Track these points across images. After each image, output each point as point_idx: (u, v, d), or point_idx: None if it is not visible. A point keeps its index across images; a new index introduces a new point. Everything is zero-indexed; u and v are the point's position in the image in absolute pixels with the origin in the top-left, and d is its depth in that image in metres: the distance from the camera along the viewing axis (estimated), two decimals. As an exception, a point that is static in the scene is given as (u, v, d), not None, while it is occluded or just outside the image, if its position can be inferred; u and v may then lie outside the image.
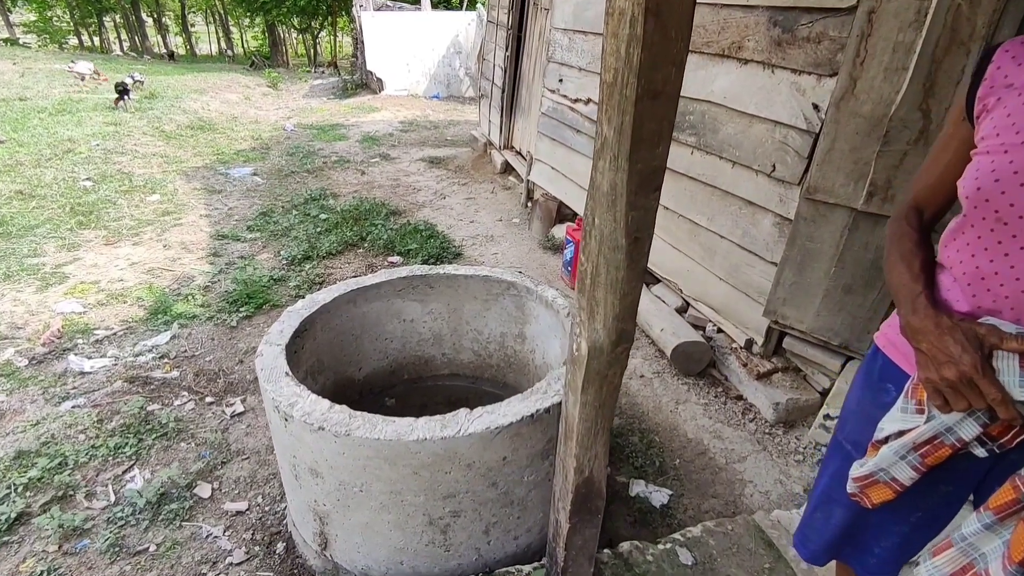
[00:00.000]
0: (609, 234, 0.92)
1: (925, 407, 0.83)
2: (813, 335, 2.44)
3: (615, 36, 0.79)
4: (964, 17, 1.79)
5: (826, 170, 2.19)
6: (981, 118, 0.86)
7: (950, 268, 0.92)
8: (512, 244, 4.38)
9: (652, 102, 0.80)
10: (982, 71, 0.87)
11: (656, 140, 0.83)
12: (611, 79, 0.82)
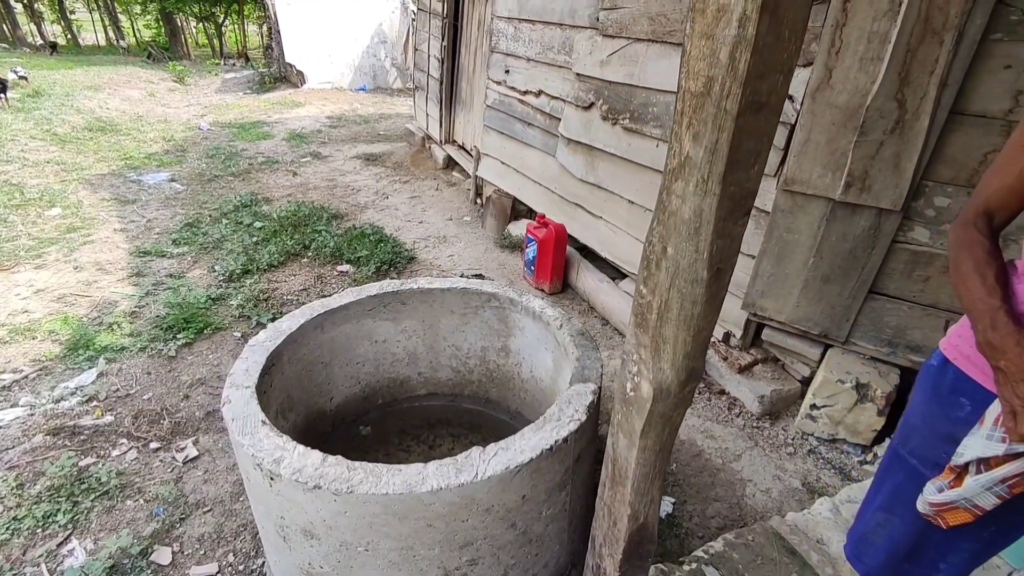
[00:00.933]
0: (688, 266, 0.80)
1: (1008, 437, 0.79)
2: (792, 325, 2.45)
3: (709, 37, 0.66)
4: (937, 7, 1.80)
5: (803, 161, 2.18)
6: None
7: None
8: (467, 244, 4.21)
9: (755, 116, 0.68)
10: None
11: (754, 160, 0.72)
12: (701, 88, 0.69)
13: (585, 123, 3.27)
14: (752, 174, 0.73)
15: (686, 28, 0.70)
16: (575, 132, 3.36)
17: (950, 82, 1.86)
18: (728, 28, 0.63)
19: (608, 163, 3.16)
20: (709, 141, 0.70)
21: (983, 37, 1.79)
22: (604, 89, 3.09)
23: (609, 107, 3.07)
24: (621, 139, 3.02)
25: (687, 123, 0.72)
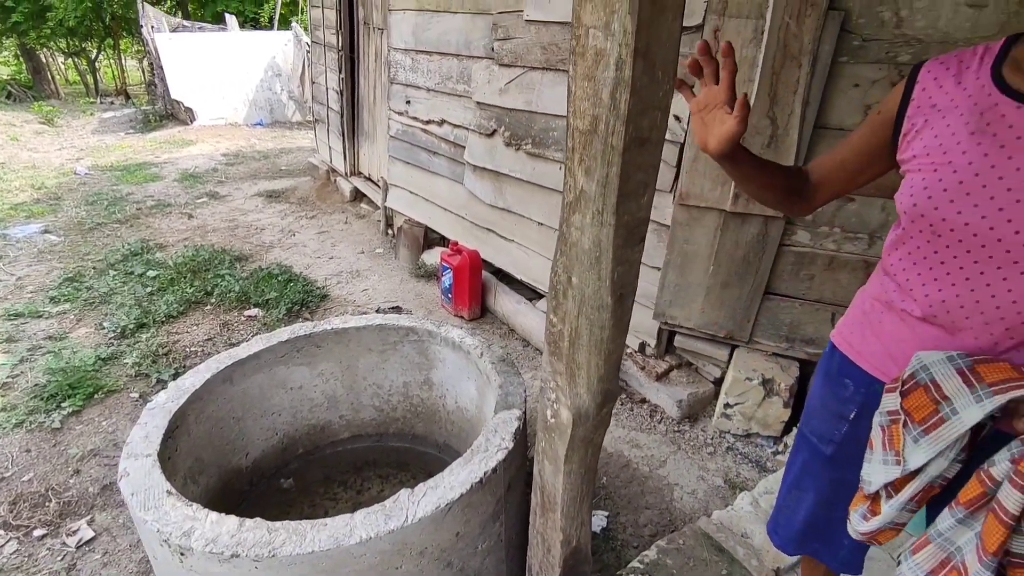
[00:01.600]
0: (592, 294, 0.83)
1: (902, 458, 0.85)
2: (700, 331, 2.59)
3: (591, 79, 0.70)
4: (793, 35, 2.00)
5: (694, 177, 2.33)
6: (909, 137, 0.92)
7: (894, 275, 0.97)
8: (381, 276, 4.13)
9: (640, 150, 0.72)
10: (910, 91, 0.92)
11: (643, 190, 0.76)
12: (588, 126, 0.73)
13: (489, 150, 3.33)
14: (642, 203, 0.77)
15: (570, 70, 0.74)
16: (480, 159, 3.41)
17: (811, 100, 2.06)
18: (607, 71, 0.67)
19: (515, 187, 3.23)
20: (600, 176, 0.73)
21: (833, 60, 2.01)
22: (505, 116, 3.16)
23: (511, 133, 3.14)
24: (526, 164, 3.10)
25: (579, 159, 0.76)
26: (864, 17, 1.94)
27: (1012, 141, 0.81)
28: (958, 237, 0.85)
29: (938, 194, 0.85)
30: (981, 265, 0.85)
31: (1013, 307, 0.84)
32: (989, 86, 0.84)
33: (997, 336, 0.87)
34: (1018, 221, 0.80)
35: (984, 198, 0.81)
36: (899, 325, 0.97)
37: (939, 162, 0.86)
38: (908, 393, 0.88)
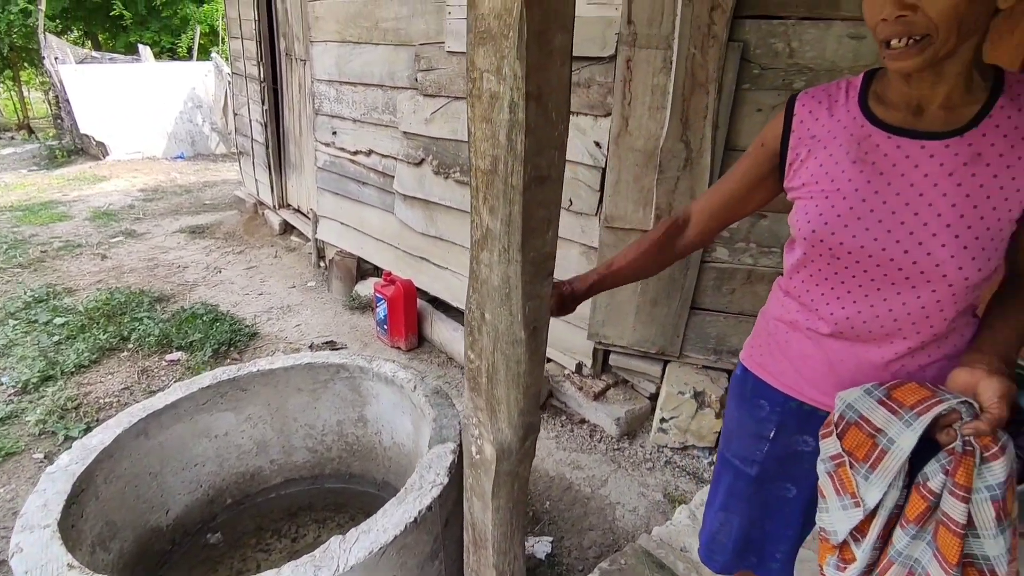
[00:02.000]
0: (506, 329, 0.83)
1: (860, 499, 0.88)
2: (633, 348, 2.65)
3: (488, 121, 0.71)
4: (699, 64, 2.12)
5: (617, 200, 2.41)
6: (795, 166, 0.98)
7: (797, 297, 1.03)
8: (314, 311, 4.01)
9: (540, 188, 0.74)
10: (789, 123, 0.99)
11: (547, 226, 0.77)
12: (489, 166, 0.74)
13: (419, 179, 3.33)
14: (547, 239, 0.78)
15: (468, 111, 0.75)
16: (410, 188, 3.40)
17: (720, 124, 2.18)
18: (502, 113, 0.69)
19: (446, 215, 3.23)
20: (504, 214, 0.74)
21: (737, 87, 2.13)
22: (432, 145, 3.17)
23: (439, 162, 3.15)
24: (455, 192, 3.11)
25: (483, 198, 0.76)
26: (760, 48, 2.08)
27: (889, 168, 0.88)
28: (855, 259, 0.91)
29: (833, 220, 0.91)
30: (877, 282, 0.91)
31: (908, 318, 0.91)
32: (860, 118, 0.92)
33: (896, 345, 0.94)
34: (904, 241, 0.87)
35: (873, 221, 0.88)
36: (805, 343, 1.02)
37: (828, 190, 0.92)
38: (844, 434, 0.91)
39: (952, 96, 0.86)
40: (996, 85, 0.86)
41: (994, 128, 0.84)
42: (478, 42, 0.68)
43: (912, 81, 0.87)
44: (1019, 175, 0.83)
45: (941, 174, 0.85)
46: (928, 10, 0.75)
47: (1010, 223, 0.85)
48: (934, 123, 0.87)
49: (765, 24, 2.05)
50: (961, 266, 0.84)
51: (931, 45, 0.78)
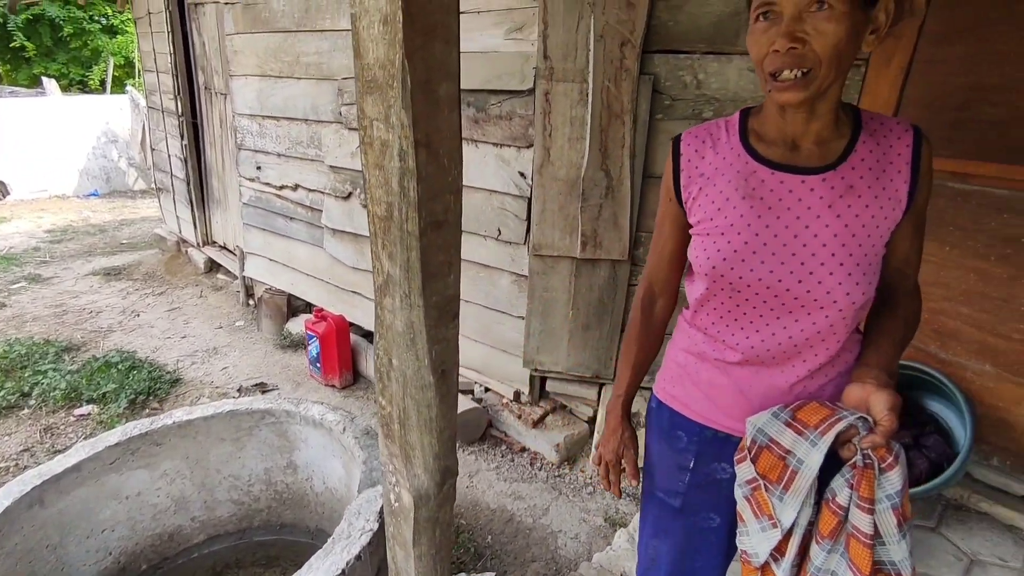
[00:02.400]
0: (414, 374, 0.82)
1: (776, 520, 0.90)
2: (569, 373, 2.68)
3: (380, 168, 0.71)
4: (614, 96, 2.20)
5: (544, 228, 2.45)
6: (690, 204, 1.02)
7: (704, 330, 1.06)
8: (243, 352, 3.84)
9: (437, 233, 0.74)
10: (678, 161, 1.03)
11: (447, 270, 0.77)
12: (385, 212, 0.73)
13: (347, 212, 3.28)
14: (449, 282, 0.78)
15: (362, 158, 0.74)
16: (339, 222, 3.34)
17: (637, 153, 2.27)
18: (393, 161, 0.69)
19: (377, 248, 3.19)
20: (402, 260, 0.74)
21: (651, 117, 2.23)
22: (360, 179, 3.14)
23: (368, 195, 3.11)
24: (385, 224, 3.07)
25: (381, 244, 0.76)
26: (670, 80, 2.19)
27: (776, 203, 0.93)
28: (754, 291, 0.95)
29: (730, 255, 0.95)
30: (776, 311, 0.96)
31: (806, 343, 0.96)
32: (744, 155, 0.97)
33: (798, 368, 0.98)
34: (797, 271, 0.91)
35: (767, 254, 0.92)
36: (715, 373, 1.06)
37: (723, 226, 0.96)
38: (757, 458, 0.94)
39: (822, 133, 0.93)
40: (856, 122, 0.94)
41: (860, 161, 0.91)
42: (366, 91, 0.68)
43: (788, 117, 0.93)
44: (884, 203, 0.90)
45: (822, 206, 0.91)
46: (815, 45, 0.82)
47: (884, 246, 0.92)
48: (810, 159, 0.93)
49: (673, 58, 2.16)
50: (848, 291, 0.89)
51: (815, 79, 0.84)
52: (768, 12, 0.85)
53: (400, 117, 0.65)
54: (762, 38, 0.86)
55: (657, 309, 1.18)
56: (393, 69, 0.63)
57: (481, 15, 2.38)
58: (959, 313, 2.05)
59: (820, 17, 0.81)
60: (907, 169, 0.91)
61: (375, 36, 0.63)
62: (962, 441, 1.98)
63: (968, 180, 1.94)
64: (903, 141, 0.92)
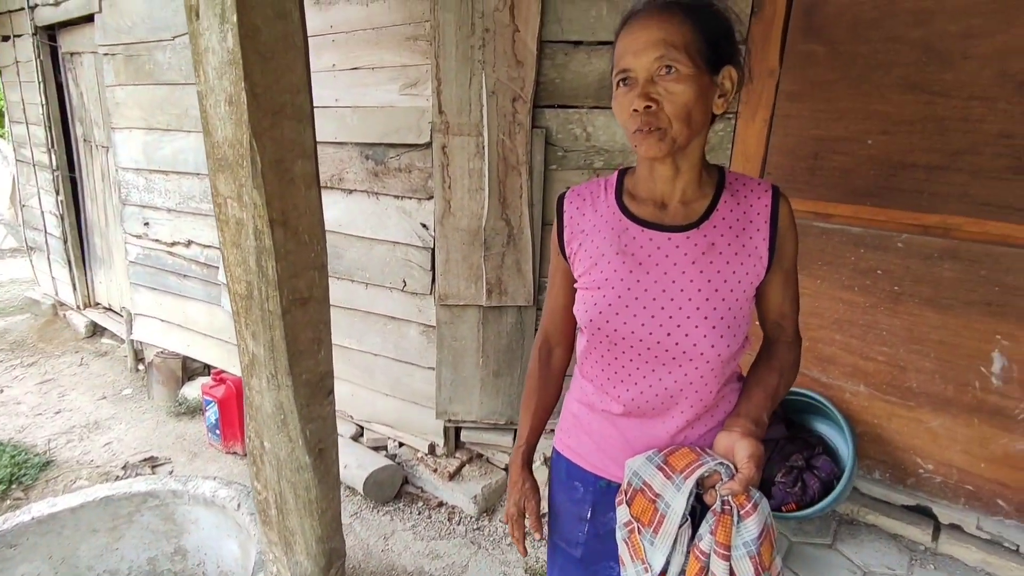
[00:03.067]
0: (288, 456, 0.77)
1: (648, 564, 0.91)
2: (483, 421, 2.65)
3: (238, 246, 0.68)
4: (509, 149, 2.28)
5: (449, 278, 2.45)
6: (572, 259, 1.06)
7: (591, 380, 1.09)
8: (131, 423, 3.50)
9: (303, 310, 0.71)
10: (562, 219, 1.08)
11: (317, 346, 0.74)
12: (245, 291, 0.70)
13: (245, 268, 3.12)
14: (320, 359, 0.75)
15: (219, 236, 0.71)
16: (237, 278, 3.17)
17: (535, 202, 2.34)
18: (249, 240, 0.66)
19: (279, 304, 3.05)
20: (266, 339, 0.70)
21: (546, 168, 2.32)
22: (257, 233, 3.01)
23: (267, 250, 2.99)
24: (286, 279, 2.96)
25: (244, 323, 0.72)
26: (561, 133, 2.29)
27: (646, 259, 0.98)
28: (629, 343, 0.99)
29: (606, 309, 0.99)
30: (651, 364, 1.00)
31: (681, 394, 1.00)
32: (618, 213, 1.03)
33: (677, 419, 1.02)
34: (666, 325, 0.96)
35: (639, 308, 0.97)
36: (604, 423, 1.08)
37: (599, 280, 1.00)
38: (632, 501, 0.96)
39: (687, 191, 1.00)
40: (720, 182, 1.02)
41: (721, 220, 0.99)
42: (217, 169, 0.66)
43: (657, 175, 0.99)
44: (745, 260, 0.97)
45: (686, 263, 0.97)
46: (666, 105, 0.89)
47: (748, 301, 0.99)
48: (676, 217, 1.00)
49: (563, 112, 2.27)
50: (713, 344, 0.95)
51: (669, 135, 0.90)
52: (626, 78, 0.92)
53: (252, 196, 0.63)
54: (623, 101, 0.93)
55: (554, 359, 1.21)
56: (242, 148, 0.61)
57: (376, 71, 2.41)
58: (833, 340, 2.23)
59: (669, 80, 0.89)
60: (766, 227, 0.99)
61: (222, 115, 0.61)
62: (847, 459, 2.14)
63: (828, 219, 2.15)
64: (762, 201, 1.01)
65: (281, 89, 0.61)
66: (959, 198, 1.89)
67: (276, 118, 0.61)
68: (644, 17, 0.91)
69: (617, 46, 0.94)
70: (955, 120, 1.85)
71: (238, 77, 0.59)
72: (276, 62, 0.60)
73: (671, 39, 0.88)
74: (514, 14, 2.11)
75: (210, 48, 0.61)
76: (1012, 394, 1.91)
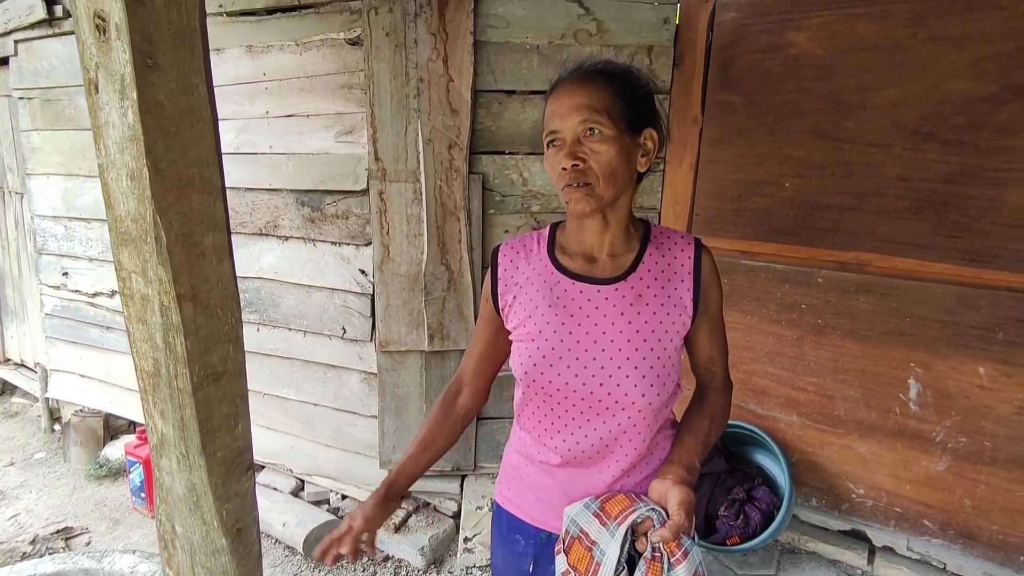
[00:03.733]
0: (202, 540, 0.73)
1: None
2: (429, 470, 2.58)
3: (144, 322, 0.65)
4: (447, 194, 2.29)
5: (390, 324, 2.41)
6: (506, 311, 1.07)
7: (529, 431, 1.09)
8: (43, 491, 3.22)
9: (216, 385, 0.68)
10: (496, 271, 1.09)
11: (234, 422, 0.71)
12: (152, 368, 0.66)
13: (174, 318, 2.98)
14: (237, 434, 0.72)
15: (124, 311, 0.67)
16: (165, 329, 3.02)
17: (474, 246, 2.35)
18: (155, 316, 0.63)
19: (211, 355, 2.91)
20: (175, 418, 0.67)
21: (484, 213, 2.34)
22: (187, 282, 2.89)
23: (197, 299, 2.87)
24: (219, 329, 2.83)
25: (152, 401, 0.68)
26: (498, 178, 2.33)
27: (577, 311, 1.00)
28: (564, 394, 0.99)
29: (540, 361, 1.00)
30: (586, 414, 1.00)
31: (615, 443, 1.01)
32: (550, 266, 1.05)
33: (612, 468, 1.03)
34: (598, 375, 0.97)
35: (571, 360, 0.98)
36: (543, 475, 1.08)
37: (533, 332, 1.01)
38: (570, 549, 0.95)
39: (615, 245, 1.03)
40: (645, 235, 1.06)
41: (647, 272, 1.02)
42: (120, 243, 0.63)
43: (586, 228, 1.02)
44: (671, 310, 1.01)
45: (615, 314, 0.99)
46: (591, 163, 0.94)
47: (676, 350, 1.02)
48: (605, 270, 1.03)
49: (499, 158, 2.32)
50: (644, 393, 0.97)
51: (595, 191, 0.94)
52: (555, 139, 0.97)
53: (158, 272, 0.60)
54: (553, 160, 0.97)
55: (460, 398, 1.19)
56: (145, 224, 0.59)
57: (311, 118, 2.39)
58: (766, 372, 2.32)
59: (593, 140, 0.94)
60: (690, 278, 1.03)
61: (124, 190, 0.59)
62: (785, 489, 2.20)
63: (755, 257, 2.26)
64: (685, 253, 1.05)
65: (187, 163, 0.59)
66: (869, 236, 2.03)
67: (183, 192, 0.60)
68: (569, 84, 0.97)
69: (546, 110, 1.00)
70: (859, 164, 2.00)
71: (139, 153, 0.57)
72: (181, 137, 0.59)
73: (594, 104, 0.93)
74: (448, 65, 2.16)
75: (110, 123, 0.59)
76: (928, 418, 2.03)
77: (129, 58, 0.54)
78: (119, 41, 0.55)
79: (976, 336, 1.90)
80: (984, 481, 1.97)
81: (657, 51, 2.21)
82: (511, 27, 2.17)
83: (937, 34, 1.83)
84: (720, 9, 2.15)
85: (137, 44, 0.53)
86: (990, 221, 1.83)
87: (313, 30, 2.30)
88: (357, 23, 2.21)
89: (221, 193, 0.64)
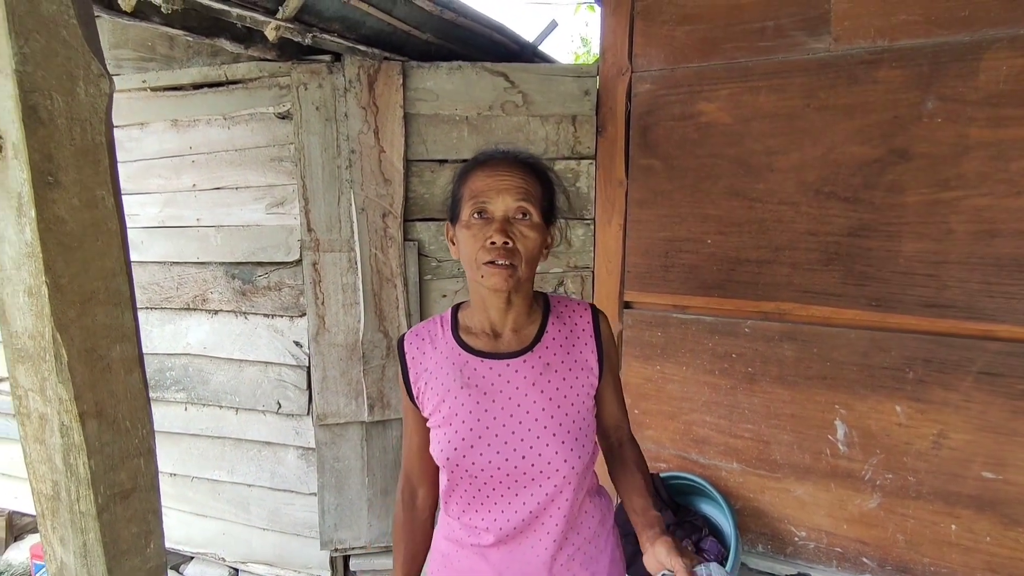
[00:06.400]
0: (108, 677, 0.66)
1: None
2: (373, 546, 2.46)
3: (41, 443, 0.61)
4: (382, 262, 2.29)
5: (327, 396, 2.34)
6: (420, 399, 1.07)
7: (457, 517, 1.07)
8: (-71, 609, 2.84)
9: (125, 504, 0.64)
10: (404, 362, 1.08)
11: (145, 540, 0.67)
12: (51, 491, 0.62)
13: (91, 402, 2.77)
14: (149, 554, 0.67)
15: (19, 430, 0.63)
16: (80, 415, 2.80)
17: (412, 312, 2.34)
18: (54, 436, 0.59)
19: (132, 440, 2.71)
20: (77, 545, 0.62)
21: (421, 279, 2.35)
22: (106, 362, 2.72)
23: (117, 380, 2.69)
24: (141, 411, 2.66)
25: (51, 527, 0.63)
26: (434, 244, 2.35)
27: (489, 388, 1.01)
28: (489, 473, 0.99)
29: (460, 445, 0.99)
30: (513, 488, 1.00)
31: (545, 512, 1.00)
32: (457, 348, 1.06)
33: (545, 541, 1.02)
34: (519, 449, 0.98)
35: (491, 437, 0.98)
36: (475, 559, 1.05)
37: (449, 415, 1.01)
38: None
39: (518, 320, 1.06)
40: (546, 307, 1.10)
41: (552, 340, 1.05)
42: (17, 360, 0.60)
43: (491, 305, 1.04)
44: (579, 373, 1.04)
45: (527, 385, 1.01)
46: (519, 245, 0.97)
47: (589, 411, 1.04)
48: (510, 344, 1.05)
49: (434, 225, 2.34)
50: (566, 459, 0.98)
51: (517, 272, 0.96)
52: (483, 212, 0.98)
53: (58, 391, 0.57)
54: (478, 232, 0.98)
55: (419, 500, 1.17)
56: (44, 341, 0.56)
57: (240, 191, 2.36)
58: (705, 421, 2.38)
59: (523, 224, 0.97)
60: (592, 342, 1.08)
61: (21, 306, 0.56)
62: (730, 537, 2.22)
63: (685, 310, 2.36)
64: (584, 319, 1.10)
65: (91, 277, 0.57)
66: (786, 287, 2.16)
67: (86, 306, 0.57)
68: (507, 164, 1.00)
69: (474, 180, 1.01)
70: (772, 221, 2.15)
71: (38, 270, 0.55)
72: (84, 251, 0.57)
73: (530, 189, 0.98)
74: (379, 137, 2.20)
75: (6, 238, 0.57)
76: (856, 457, 2.13)
77: (27, 177, 0.53)
78: (16, 160, 0.53)
79: (889, 376, 2.03)
80: (912, 515, 2.06)
81: (580, 119, 2.34)
82: (440, 100, 2.24)
83: (828, 104, 2.03)
84: (636, 81, 2.31)
85: (36, 163, 0.52)
86: (890, 270, 1.99)
87: (242, 105, 2.30)
88: (286, 98, 2.23)
89: (130, 302, 0.62)
